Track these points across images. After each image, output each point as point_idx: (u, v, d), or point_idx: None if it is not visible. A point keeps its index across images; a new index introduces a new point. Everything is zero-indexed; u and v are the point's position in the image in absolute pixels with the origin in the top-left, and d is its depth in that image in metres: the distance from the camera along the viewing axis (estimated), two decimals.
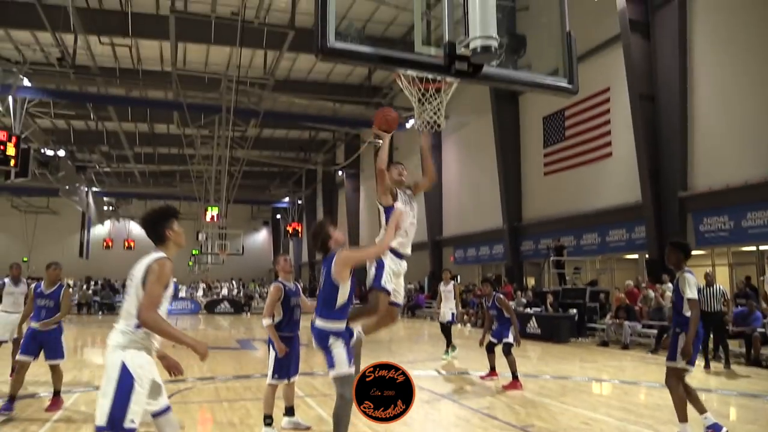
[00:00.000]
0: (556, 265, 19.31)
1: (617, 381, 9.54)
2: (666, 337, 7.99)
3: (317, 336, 4.49)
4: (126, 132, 33.53)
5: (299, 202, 47.14)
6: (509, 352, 8.83)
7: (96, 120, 32.57)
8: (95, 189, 41.60)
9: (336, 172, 40.96)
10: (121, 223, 52.51)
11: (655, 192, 16.57)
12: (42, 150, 29.43)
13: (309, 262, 50.13)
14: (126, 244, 49.78)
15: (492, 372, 9.45)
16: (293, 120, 31.68)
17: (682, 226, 16.11)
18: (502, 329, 9.06)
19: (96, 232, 49.43)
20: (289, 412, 6.18)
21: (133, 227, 53.40)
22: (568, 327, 15.82)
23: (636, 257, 18.61)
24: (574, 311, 16.27)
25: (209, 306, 30.65)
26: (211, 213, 29.84)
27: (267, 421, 5.81)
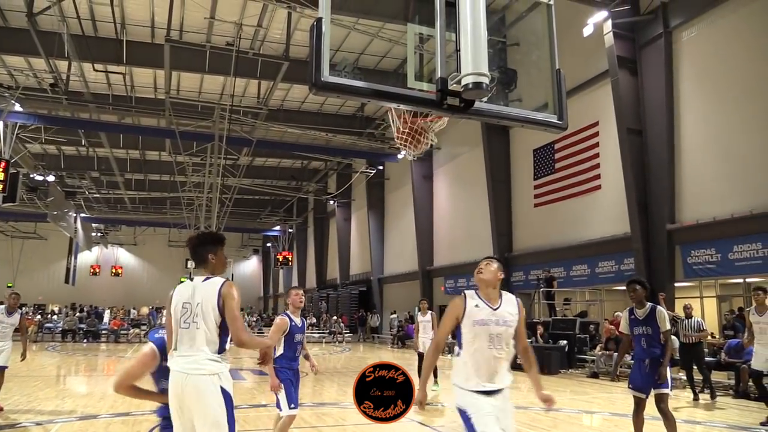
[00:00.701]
0: (546, 296, 19.33)
1: (608, 413, 9.50)
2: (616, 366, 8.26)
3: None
4: (117, 158, 33.54)
5: (290, 230, 47.19)
6: None
7: (87, 146, 32.55)
8: (84, 215, 41.37)
9: (327, 201, 41.04)
10: (109, 250, 52.13)
11: (644, 224, 16.72)
12: (31, 175, 29.36)
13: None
14: (113, 270, 49.35)
15: None
16: (285, 149, 31.81)
17: (670, 257, 16.22)
18: None
19: (83, 258, 48.99)
20: None
21: (121, 254, 52.99)
22: (558, 358, 15.80)
23: (625, 288, 18.67)
24: (564, 342, 16.27)
25: None
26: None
27: None
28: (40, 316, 33.45)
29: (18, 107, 23.44)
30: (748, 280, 15.08)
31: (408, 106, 3.81)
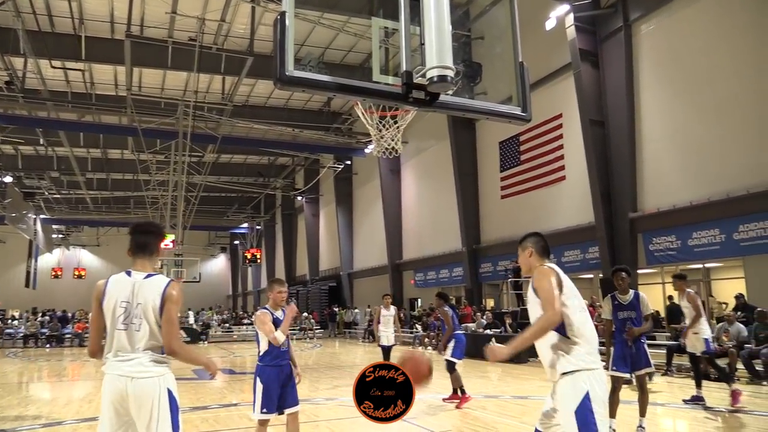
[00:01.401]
0: (514, 287, 19.59)
1: None
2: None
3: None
4: (77, 157, 32.74)
5: (258, 227, 46.82)
6: (452, 369, 9.30)
7: (45, 145, 31.75)
8: (44, 216, 40.32)
9: (295, 197, 40.84)
10: (72, 251, 50.96)
11: (607, 213, 17.06)
12: None
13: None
14: (76, 272, 48.22)
15: (454, 394, 9.51)
16: (252, 145, 31.53)
17: (633, 245, 16.60)
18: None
19: (44, 261, 47.78)
20: None
21: (84, 255, 51.83)
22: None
23: (591, 276, 19.05)
24: None
25: None
26: (167, 240, 29.18)
27: None
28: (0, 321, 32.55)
29: None
30: (706, 265, 15.55)
31: (374, 100, 3.82)
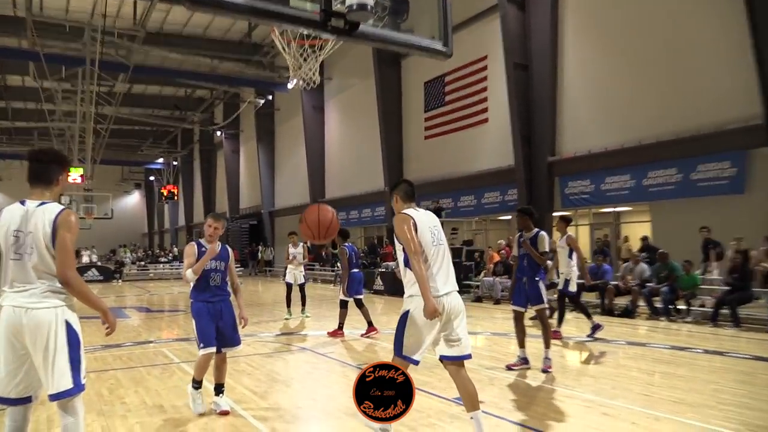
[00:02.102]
0: None
1: (489, 333, 10.12)
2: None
3: None
4: None
5: (175, 163, 45.18)
6: (343, 305, 9.87)
7: None
8: None
9: (214, 132, 39.49)
10: None
11: (527, 156, 17.49)
12: None
13: (186, 225, 48.35)
14: None
15: (370, 327, 9.76)
16: (167, 76, 29.87)
17: (550, 188, 17.19)
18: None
19: None
20: (217, 389, 5.41)
21: None
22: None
23: (509, 218, 19.67)
24: None
25: None
26: (75, 174, 27.62)
27: (194, 385, 5.31)
28: None
29: None
30: (617, 209, 16.36)
31: (290, 26, 3.60)
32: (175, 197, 40.92)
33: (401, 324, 4.03)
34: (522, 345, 7.08)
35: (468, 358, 4.12)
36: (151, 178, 50.75)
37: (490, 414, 5.03)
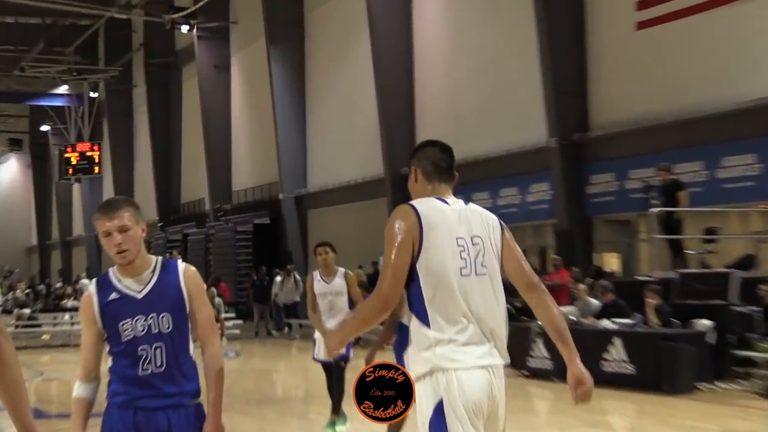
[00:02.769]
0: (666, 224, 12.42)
1: None
2: None
3: None
4: None
5: (93, 95, 31.04)
6: None
7: None
8: None
9: (176, 27, 23.75)
10: None
11: None
12: None
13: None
14: None
15: None
16: None
17: None
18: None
19: None
20: None
21: None
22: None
23: None
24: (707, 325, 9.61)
25: None
26: None
27: None
28: None
29: None
30: None
31: None
32: (96, 167, 26.29)
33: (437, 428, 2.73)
34: None
35: None
36: (44, 128, 33.83)
37: None
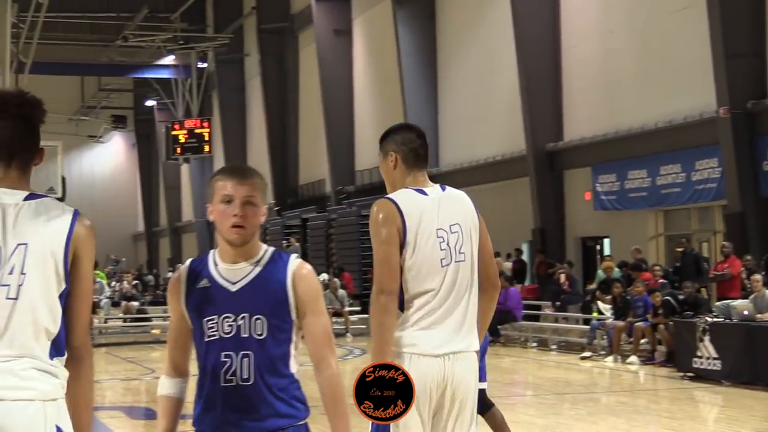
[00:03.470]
0: None
1: None
2: None
3: None
4: None
5: (202, 65, 28.85)
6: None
7: None
8: None
9: None
10: None
11: None
12: None
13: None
14: None
15: None
16: None
17: None
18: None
19: None
20: None
21: None
22: None
23: None
24: None
25: None
26: None
27: None
28: None
29: None
30: None
31: None
32: (206, 146, 23.03)
33: None
34: None
35: None
36: (149, 103, 31.30)
37: None
